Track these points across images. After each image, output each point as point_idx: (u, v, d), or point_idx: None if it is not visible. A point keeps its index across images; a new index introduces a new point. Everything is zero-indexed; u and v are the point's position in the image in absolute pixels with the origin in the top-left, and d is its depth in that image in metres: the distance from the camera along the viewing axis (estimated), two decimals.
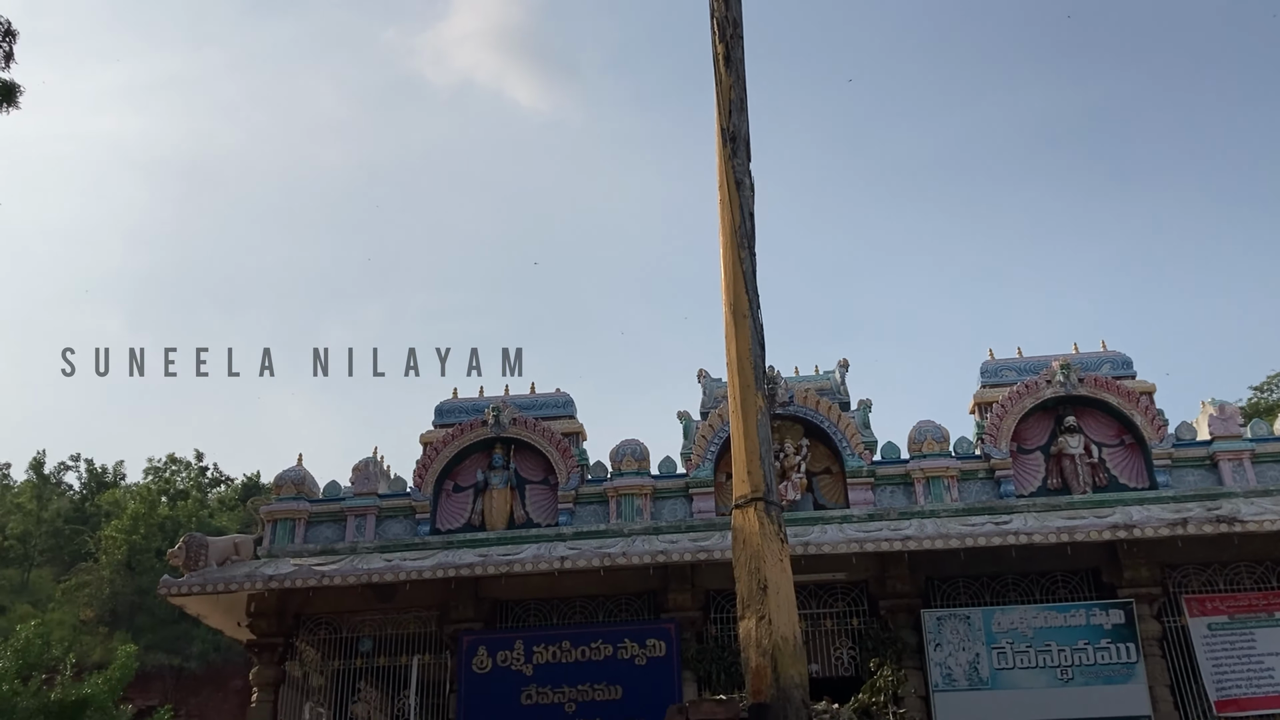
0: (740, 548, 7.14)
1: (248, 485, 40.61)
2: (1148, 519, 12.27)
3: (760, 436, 7.47)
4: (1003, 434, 13.91)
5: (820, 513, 13.86)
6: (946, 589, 13.26)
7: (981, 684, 12.41)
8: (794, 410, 14.30)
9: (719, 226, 8.14)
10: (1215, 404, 13.96)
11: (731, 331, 7.84)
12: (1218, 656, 12.36)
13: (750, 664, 6.63)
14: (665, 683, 12.77)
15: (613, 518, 14.17)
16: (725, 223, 8.10)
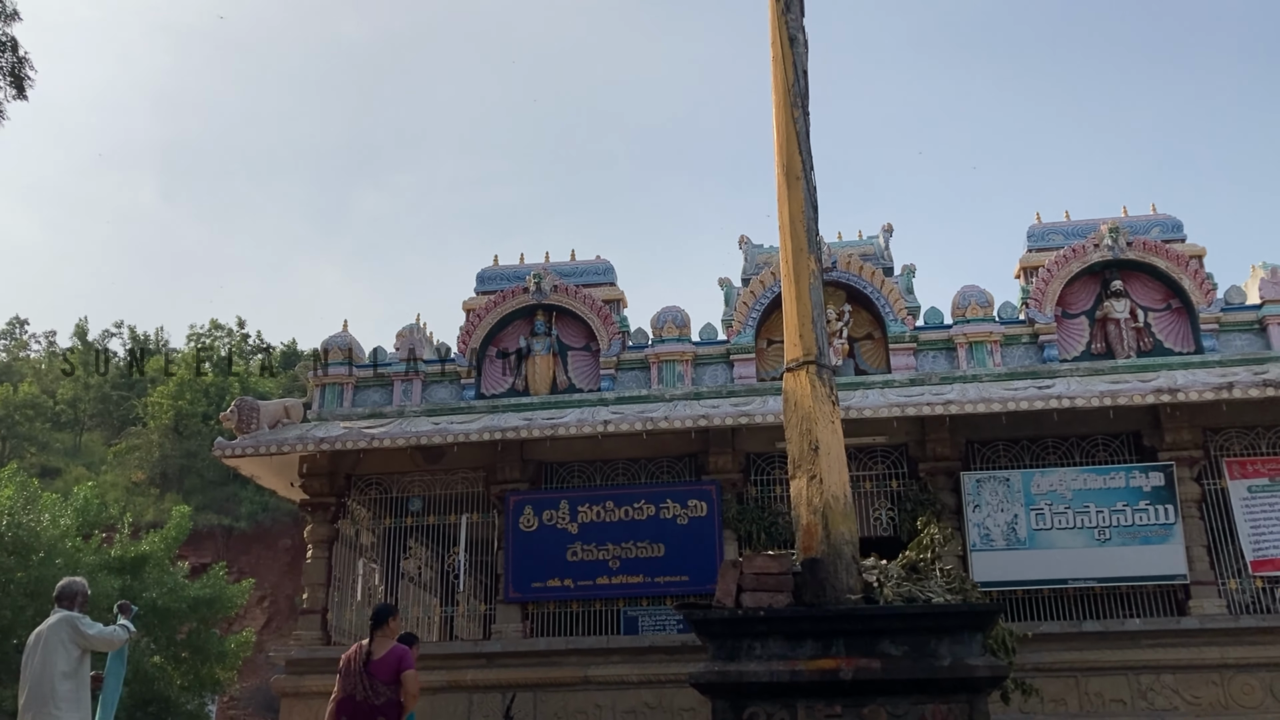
0: (792, 410, 7.22)
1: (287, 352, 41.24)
2: (1192, 383, 12.24)
3: (813, 300, 7.46)
4: (1048, 298, 13.80)
5: (862, 378, 13.92)
6: (986, 452, 13.38)
7: (1019, 544, 12.63)
8: (836, 275, 14.22)
9: (771, 85, 7.97)
10: (1266, 267, 13.73)
11: (784, 193, 7.75)
12: (1256, 518, 12.47)
13: (801, 521, 6.79)
14: (706, 541, 13.10)
15: (654, 383, 14.30)
16: (778, 81, 7.92)
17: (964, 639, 5.86)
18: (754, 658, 5.99)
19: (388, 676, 7.84)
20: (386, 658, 7.94)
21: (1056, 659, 12.02)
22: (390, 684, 7.83)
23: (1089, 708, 11.91)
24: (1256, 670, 11.78)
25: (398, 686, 7.83)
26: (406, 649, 8.03)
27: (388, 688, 7.82)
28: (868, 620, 5.93)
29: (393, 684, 7.83)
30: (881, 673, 5.74)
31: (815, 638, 5.94)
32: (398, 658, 7.91)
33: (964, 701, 5.72)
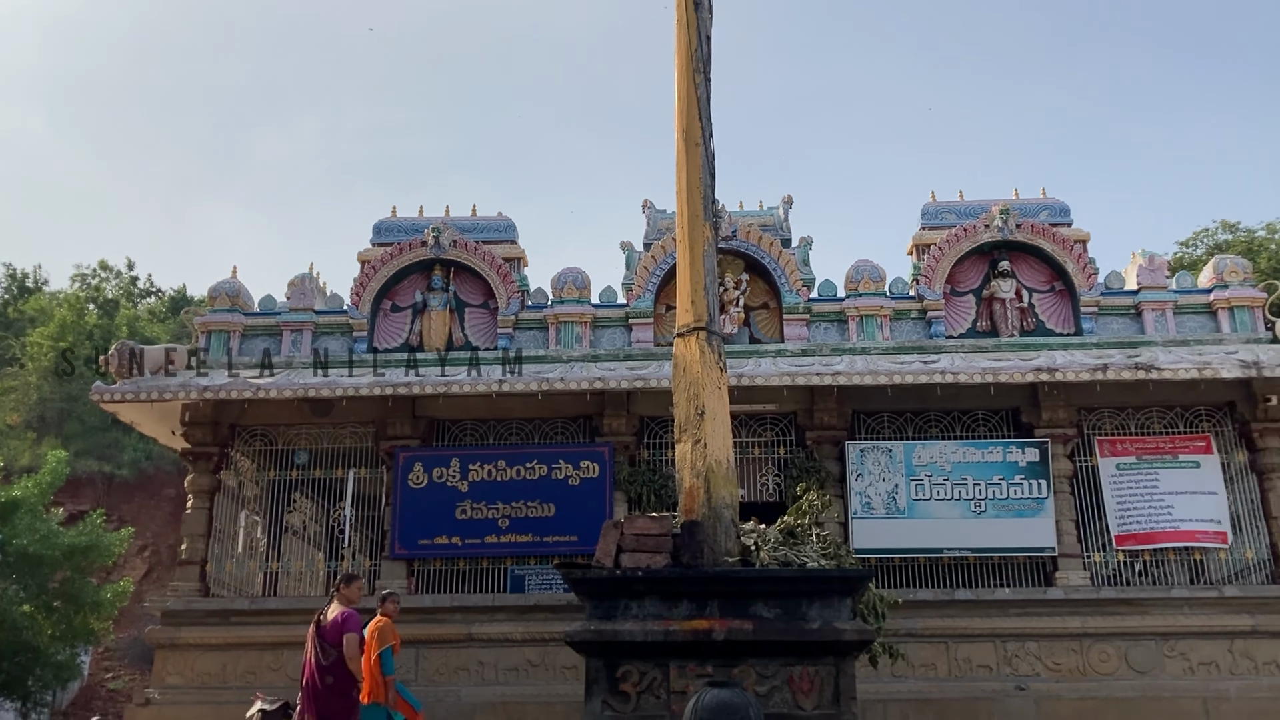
0: (680, 375, 7.30)
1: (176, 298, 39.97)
2: (1070, 363, 12.71)
3: (706, 267, 7.54)
4: (938, 276, 14.15)
5: (755, 346, 14.11)
6: (872, 423, 13.71)
7: (899, 513, 12.99)
8: (736, 244, 14.35)
9: (674, 49, 7.97)
10: (1145, 255, 14.29)
11: (682, 159, 7.79)
12: (1122, 494, 13.05)
13: (684, 484, 6.89)
14: (597, 502, 13.17)
15: (552, 344, 14.27)
16: (681, 45, 7.93)
17: (834, 603, 6.04)
18: (630, 617, 6.08)
19: (334, 639, 8.60)
20: (334, 620, 8.67)
21: (929, 625, 12.45)
22: (336, 645, 8.65)
23: (957, 673, 12.38)
24: (1114, 639, 12.38)
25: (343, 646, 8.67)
26: (353, 613, 8.77)
27: (334, 649, 8.62)
28: (742, 583, 6.06)
29: (339, 645, 8.66)
30: (753, 634, 5.89)
31: (690, 599, 6.06)
32: (342, 620, 8.64)
33: (830, 664, 5.90)
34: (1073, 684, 12.24)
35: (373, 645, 9.09)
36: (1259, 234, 31.75)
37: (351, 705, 8.74)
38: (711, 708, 4.98)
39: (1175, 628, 12.35)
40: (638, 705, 5.91)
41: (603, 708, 5.94)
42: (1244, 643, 12.30)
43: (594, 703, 5.97)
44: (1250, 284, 14.01)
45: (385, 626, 9.30)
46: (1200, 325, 13.86)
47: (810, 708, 5.81)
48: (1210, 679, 12.17)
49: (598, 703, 5.96)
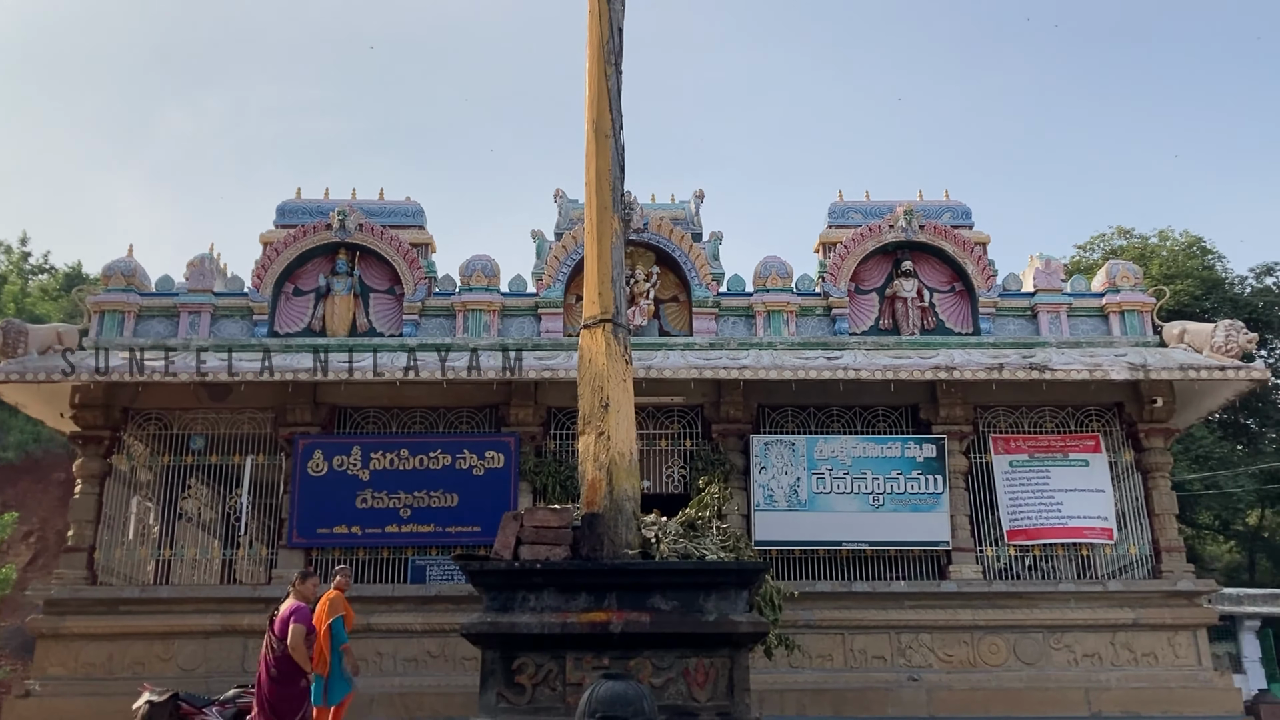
0: (586, 366, 7.28)
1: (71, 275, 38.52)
2: (967, 362, 13.03)
3: (614, 259, 7.52)
4: (843, 274, 14.37)
5: (664, 339, 14.16)
6: (776, 417, 13.88)
7: (800, 506, 13.19)
8: (647, 237, 14.38)
9: (586, 40, 7.93)
10: (1042, 258, 14.71)
11: (592, 150, 7.75)
12: (1014, 491, 13.44)
13: (586, 476, 6.88)
14: (501, 492, 13.10)
15: (459, 332, 14.13)
16: (592, 37, 7.89)
17: (731, 595, 6.09)
18: (528, 609, 6.05)
19: (281, 631, 8.77)
20: (284, 614, 8.87)
21: (827, 617, 12.67)
22: (283, 638, 8.80)
23: (853, 663, 12.62)
24: (1003, 631, 12.75)
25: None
26: (301, 606, 8.92)
27: (282, 642, 8.79)
28: (640, 575, 6.08)
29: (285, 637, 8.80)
30: (650, 626, 5.90)
31: (589, 591, 6.05)
32: (290, 613, 8.82)
33: (726, 656, 5.95)
34: (963, 675, 12.57)
35: (324, 617, 9.31)
36: (1152, 240, 32.93)
37: (299, 694, 8.93)
38: (605, 700, 4.98)
39: (1062, 621, 12.77)
40: (533, 697, 5.89)
41: (497, 700, 5.91)
42: (1125, 635, 12.78)
43: (488, 695, 5.93)
44: (1141, 289, 14.52)
45: (336, 598, 9.56)
46: (1093, 328, 14.32)
47: (705, 699, 5.85)
48: (1093, 670, 12.62)
49: (492, 695, 5.92)
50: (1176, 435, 14.75)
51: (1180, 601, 12.96)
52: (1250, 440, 31.21)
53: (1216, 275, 31.64)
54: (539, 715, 5.87)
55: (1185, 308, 27.65)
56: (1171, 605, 12.91)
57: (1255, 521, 33.81)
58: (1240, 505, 30.83)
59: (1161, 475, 13.55)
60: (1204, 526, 32.52)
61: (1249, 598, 25.30)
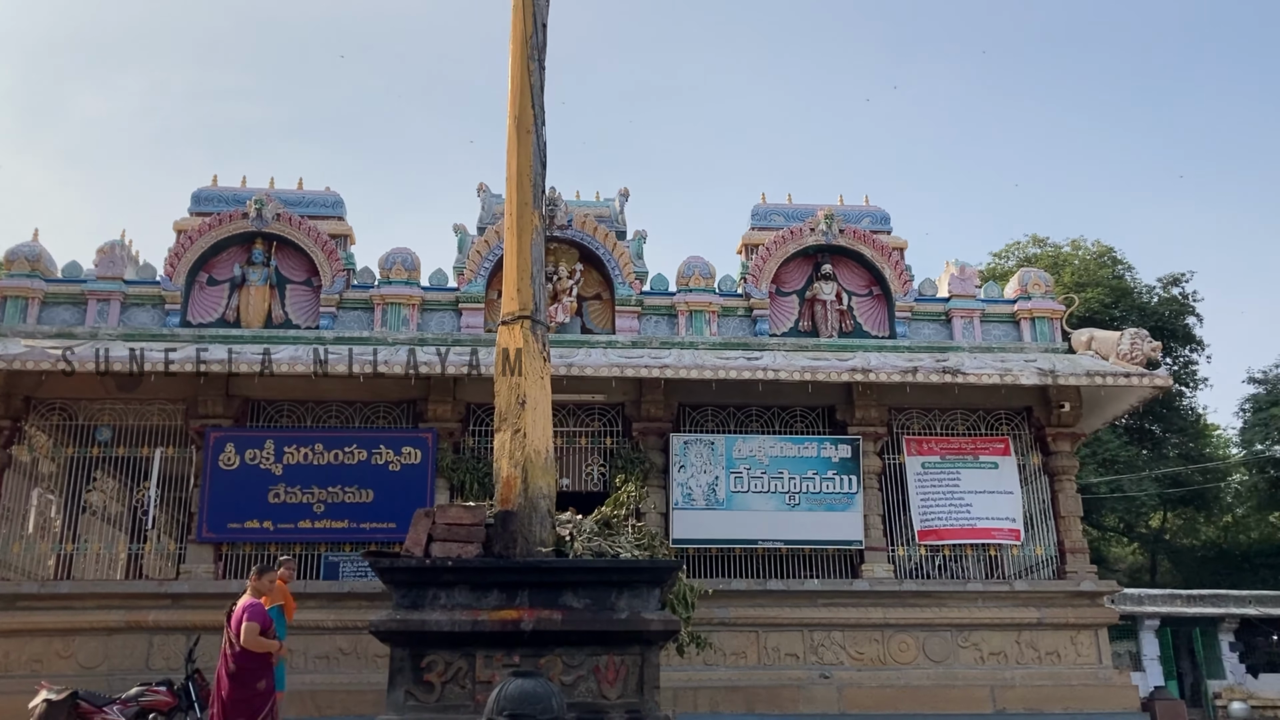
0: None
1: None
2: (883, 365, 13.25)
3: (533, 256, 7.49)
4: (764, 275, 14.51)
5: (587, 336, 14.16)
6: (696, 416, 13.96)
7: (718, 504, 13.28)
8: (571, 234, 14.37)
9: (510, 34, 7.89)
10: (957, 264, 15.03)
11: (514, 146, 7.71)
12: (926, 491, 13.70)
13: (501, 474, 6.84)
14: (418, 489, 12.97)
15: (377, 325, 13.97)
16: (516, 31, 7.85)
17: (643, 593, 6.11)
18: (438, 607, 6.01)
19: (237, 628, 8.68)
20: (238, 610, 8.77)
21: (742, 614, 12.79)
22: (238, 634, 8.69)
23: (766, 661, 12.76)
24: (913, 630, 13.00)
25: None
26: (254, 603, 8.80)
27: (237, 638, 8.67)
28: (553, 573, 6.07)
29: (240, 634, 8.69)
30: (561, 624, 5.90)
31: (501, 589, 6.03)
32: (243, 610, 8.72)
33: (637, 653, 5.97)
34: (874, 672, 12.78)
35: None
36: (1065, 249, 33.84)
37: (256, 695, 8.75)
38: (514, 698, 4.97)
39: (970, 620, 13.06)
40: (442, 695, 5.84)
41: (405, 698, 5.85)
42: (1030, 634, 13.12)
43: (397, 693, 5.87)
44: (1051, 297, 14.91)
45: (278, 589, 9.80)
46: (1004, 333, 14.67)
47: (614, 697, 5.86)
48: (998, 668, 12.93)
49: (400, 693, 5.86)
50: (1083, 439, 15.19)
51: (1083, 601, 13.33)
52: (1155, 445, 32.26)
53: (1126, 284, 32.63)
54: (448, 713, 5.82)
55: (1095, 315, 28.48)
56: (1075, 605, 13.27)
57: (1158, 524, 34.97)
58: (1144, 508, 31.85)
59: (1068, 478, 13.93)
60: (1109, 529, 33.54)
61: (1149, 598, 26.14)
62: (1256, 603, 26.46)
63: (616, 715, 5.84)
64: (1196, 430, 33.90)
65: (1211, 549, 34.61)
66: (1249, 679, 26.09)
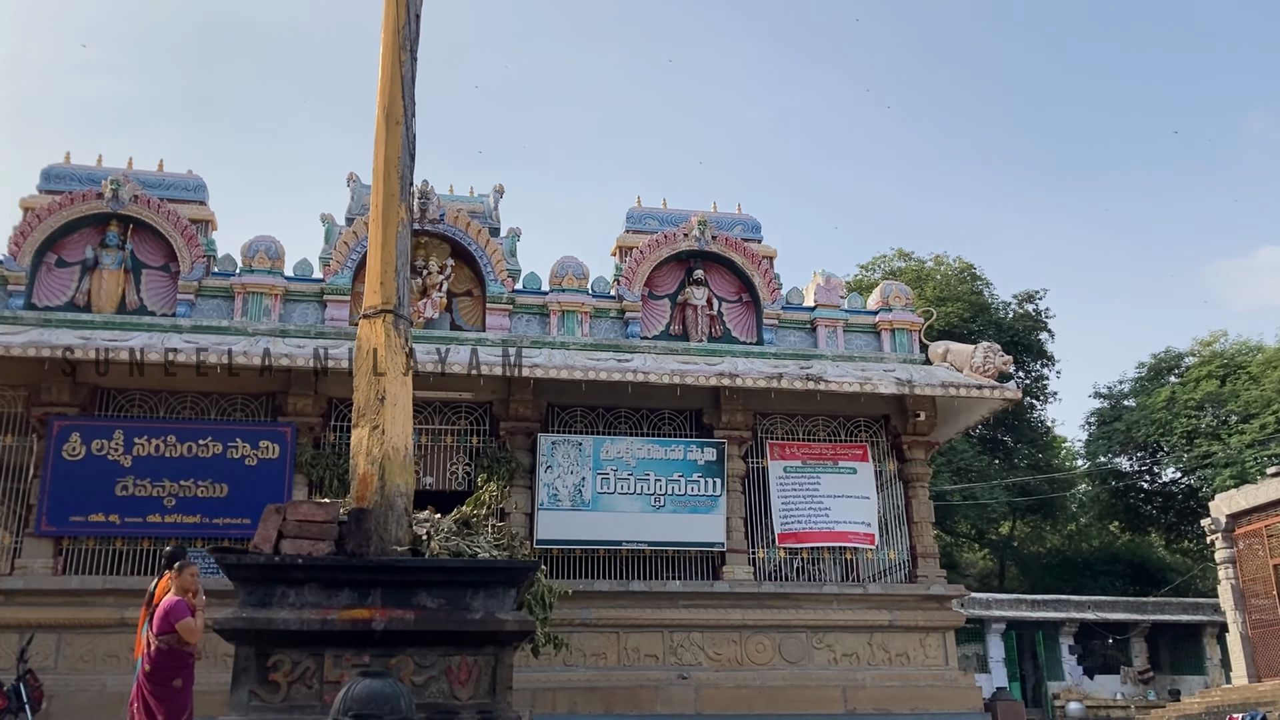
0: (363, 358, 7.10)
1: None
2: (749, 370, 13.48)
3: (398, 249, 7.37)
4: (637, 278, 14.60)
5: (456, 333, 14.00)
6: (565, 416, 13.95)
7: (584, 505, 13.30)
8: (443, 229, 14.19)
9: (381, 24, 7.75)
10: (824, 275, 15.39)
11: (382, 137, 7.58)
12: (787, 495, 13.99)
13: (358, 471, 6.71)
14: (275, 484, 12.61)
15: (238, 315, 13.53)
16: (388, 21, 7.72)
17: (499, 594, 6.07)
18: (287, 605, 5.86)
19: (160, 627, 8.07)
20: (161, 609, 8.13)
21: (603, 615, 12.83)
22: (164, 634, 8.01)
23: (626, 661, 12.82)
24: (770, 631, 13.25)
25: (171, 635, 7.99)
26: (178, 601, 8.14)
27: (159, 638, 8.01)
28: (406, 572, 5.98)
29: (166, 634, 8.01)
30: (414, 624, 5.82)
31: (353, 587, 5.91)
32: (167, 610, 8.07)
33: (490, 654, 5.94)
34: (731, 673, 12.98)
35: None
36: (928, 264, 35.03)
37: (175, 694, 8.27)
38: (361, 698, 4.88)
39: (825, 621, 13.38)
40: (288, 695, 5.70)
41: (250, 698, 5.68)
42: (882, 636, 13.52)
43: (241, 693, 5.70)
44: (911, 309, 15.40)
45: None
46: (866, 343, 15.09)
47: (466, 697, 5.81)
48: (851, 669, 13.28)
49: (245, 693, 5.69)
50: (937, 448, 15.73)
51: (933, 605, 13.81)
52: (1006, 455, 33.65)
53: (984, 300, 33.97)
54: (293, 714, 5.68)
55: (955, 328, 29.55)
56: (925, 608, 13.73)
57: (1007, 531, 36.49)
58: (994, 516, 33.19)
59: (921, 485, 14.41)
60: (961, 535, 34.84)
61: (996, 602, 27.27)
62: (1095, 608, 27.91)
63: (468, 715, 5.80)
64: (1045, 442, 35.53)
65: (1056, 556, 36.31)
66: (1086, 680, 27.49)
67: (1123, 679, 27.71)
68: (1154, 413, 31.72)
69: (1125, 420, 32.89)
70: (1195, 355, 34.59)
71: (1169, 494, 33.44)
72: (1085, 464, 35.79)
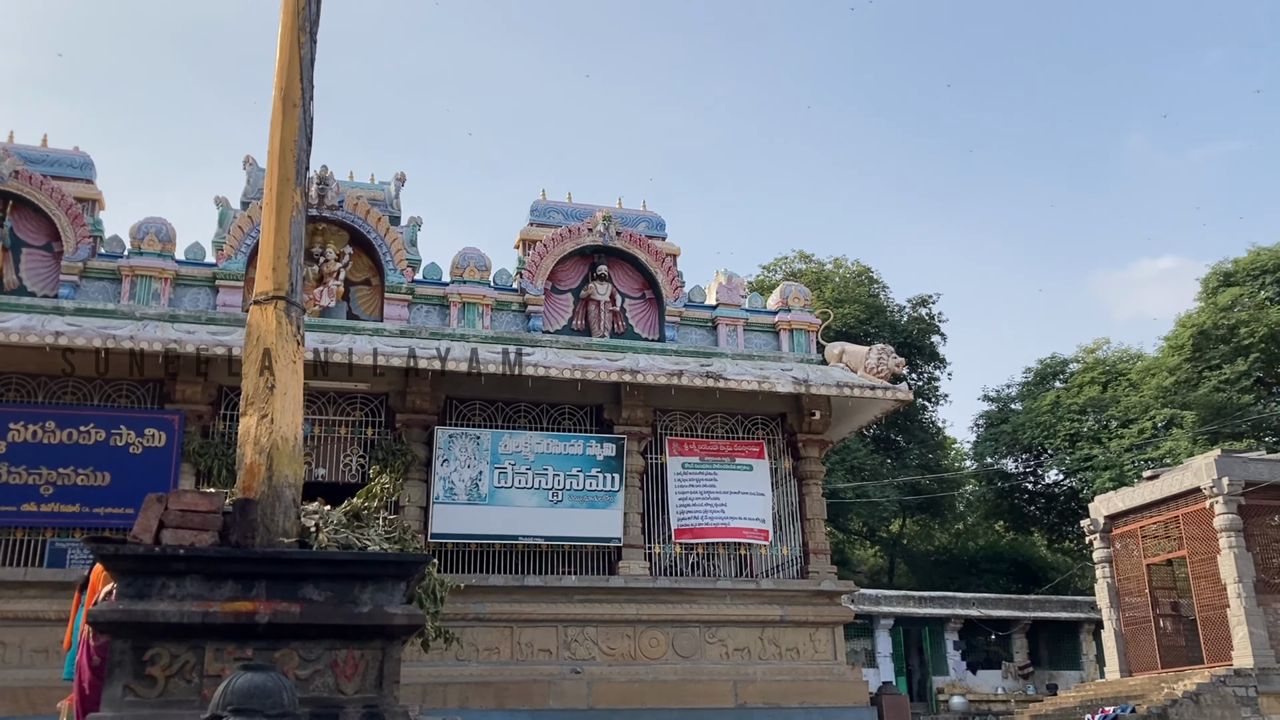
0: (253, 345, 6.95)
1: None
2: (650, 367, 13.55)
3: (292, 234, 7.21)
4: (540, 272, 14.54)
5: (353, 322, 13.77)
6: (464, 410, 13.83)
7: (480, 499, 13.20)
8: (342, 215, 13.94)
9: (281, 3, 7.57)
10: (726, 274, 15.55)
11: (278, 120, 7.40)
12: (684, 491, 14.10)
13: (245, 460, 6.55)
14: (160, 474, 12.23)
15: (125, 298, 13.09)
16: (288, 1, 7.55)
17: (388, 587, 5.98)
18: (167, 597, 5.68)
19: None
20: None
21: (497, 610, 12.76)
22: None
23: (519, 656, 12.78)
24: (664, 625, 13.34)
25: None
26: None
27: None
28: (292, 564, 5.86)
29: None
30: (299, 617, 5.70)
31: (236, 579, 5.76)
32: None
33: (378, 648, 5.84)
34: (624, 667, 13.03)
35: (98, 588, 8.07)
36: (828, 267, 35.66)
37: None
38: (242, 691, 4.79)
39: (718, 616, 13.52)
40: (165, 690, 5.52)
41: (124, 693, 5.49)
42: (773, 630, 13.71)
43: (114, 688, 5.50)
44: (809, 310, 15.66)
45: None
46: (765, 342, 15.30)
47: (352, 691, 5.71)
48: (742, 663, 13.44)
49: (119, 688, 5.50)
50: (831, 446, 16.03)
51: (823, 600, 14.06)
52: (898, 454, 34.47)
53: (880, 302, 34.73)
54: (170, 709, 5.51)
55: (852, 330, 30.15)
56: (815, 604, 13.98)
57: (897, 529, 37.38)
58: (885, 514, 33.96)
59: (815, 482, 14.66)
60: (854, 532, 35.58)
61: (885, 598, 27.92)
62: (979, 605, 28.78)
63: (353, 710, 5.70)
64: (936, 442, 36.50)
65: (944, 554, 37.33)
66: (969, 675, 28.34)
67: (1004, 674, 28.64)
68: (1039, 416, 32.83)
69: (1012, 423, 33.97)
70: (1079, 361, 35.92)
71: (1051, 495, 34.66)
72: (973, 465, 36.87)
